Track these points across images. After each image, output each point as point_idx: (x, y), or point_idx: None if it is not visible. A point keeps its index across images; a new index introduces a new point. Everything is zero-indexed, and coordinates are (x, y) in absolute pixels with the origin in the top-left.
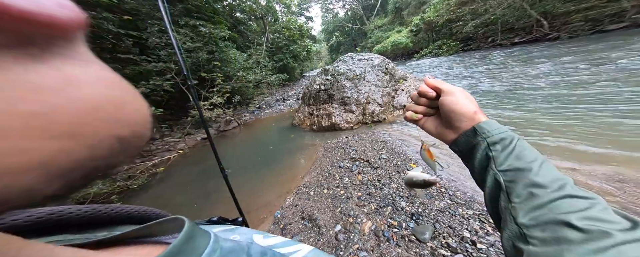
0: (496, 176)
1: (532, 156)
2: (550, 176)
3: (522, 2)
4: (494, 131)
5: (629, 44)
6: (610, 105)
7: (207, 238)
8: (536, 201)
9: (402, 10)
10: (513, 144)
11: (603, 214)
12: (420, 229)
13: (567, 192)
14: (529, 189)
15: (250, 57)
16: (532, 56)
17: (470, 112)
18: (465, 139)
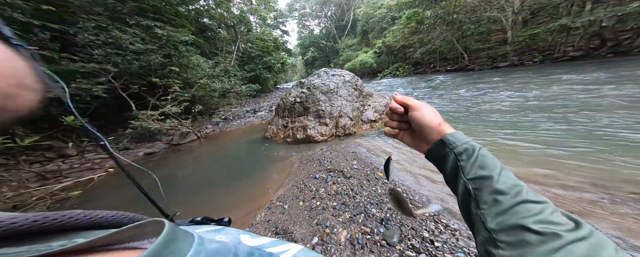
0: (465, 184)
1: (493, 164)
2: (509, 182)
3: (452, 37)
4: (459, 142)
5: (509, 79)
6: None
7: (190, 240)
8: (500, 207)
9: (368, 33)
10: (476, 153)
11: (553, 216)
12: (389, 234)
13: (523, 198)
14: (493, 195)
15: (218, 64)
16: (456, 83)
17: (435, 125)
18: (436, 150)
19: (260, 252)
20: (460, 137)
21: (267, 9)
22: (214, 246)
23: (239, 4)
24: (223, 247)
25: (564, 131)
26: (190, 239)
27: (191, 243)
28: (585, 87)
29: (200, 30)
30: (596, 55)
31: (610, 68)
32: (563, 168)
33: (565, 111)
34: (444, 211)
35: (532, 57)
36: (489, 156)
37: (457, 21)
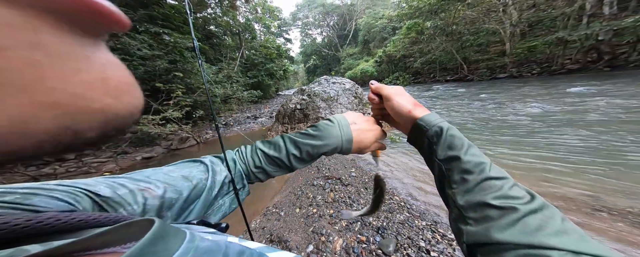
0: (439, 165)
1: (460, 143)
2: (474, 160)
3: (451, 48)
4: (429, 125)
5: (507, 90)
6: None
7: (181, 237)
8: (467, 185)
9: (369, 43)
10: (444, 134)
11: (511, 191)
12: (385, 243)
13: (486, 175)
14: (461, 175)
15: (221, 70)
16: (457, 93)
17: (406, 112)
18: (412, 135)
19: (250, 251)
20: (431, 119)
21: (272, 18)
22: (205, 244)
23: (244, 12)
24: (214, 246)
25: (568, 145)
26: (181, 236)
27: (182, 240)
28: (587, 99)
29: (206, 37)
30: (593, 69)
31: (609, 81)
32: (562, 181)
33: (571, 124)
34: (441, 222)
35: (531, 69)
36: (457, 135)
37: (457, 32)
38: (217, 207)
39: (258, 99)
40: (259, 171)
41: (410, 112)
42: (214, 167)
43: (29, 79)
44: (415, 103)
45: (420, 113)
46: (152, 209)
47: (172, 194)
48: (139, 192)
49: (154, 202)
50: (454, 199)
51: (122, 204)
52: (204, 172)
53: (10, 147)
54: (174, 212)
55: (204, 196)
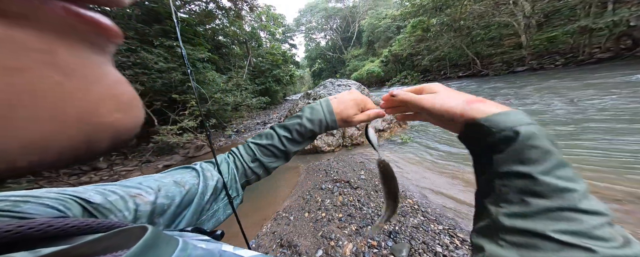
0: (490, 179)
1: (542, 157)
2: (557, 184)
3: (461, 44)
4: (497, 127)
5: (527, 83)
6: None
7: (173, 246)
8: (526, 209)
9: (374, 43)
10: (518, 143)
11: (597, 230)
12: (398, 248)
13: (567, 204)
14: (523, 196)
15: (231, 79)
16: (473, 89)
17: (457, 116)
18: (464, 138)
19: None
20: (503, 119)
21: (276, 25)
22: (198, 253)
23: (250, 21)
24: (207, 255)
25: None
26: (173, 245)
27: (174, 249)
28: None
29: (216, 48)
30: (630, 56)
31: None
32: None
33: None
34: (460, 226)
35: (554, 60)
36: (542, 146)
37: (465, 27)
38: (211, 213)
39: (266, 105)
40: (256, 165)
41: (462, 115)
42: (204, 173)
43: (50, 98)
44: (468, 100)
45: (482, 110)
46: (144, 215)
47: (163, 200)
48: (130, 198)
49: (145, 208)
50: (495, 216)
51: (113, 210)
52: (195, 177)
53: (35, 160)
54: (167, 219)
55: (196, 201)
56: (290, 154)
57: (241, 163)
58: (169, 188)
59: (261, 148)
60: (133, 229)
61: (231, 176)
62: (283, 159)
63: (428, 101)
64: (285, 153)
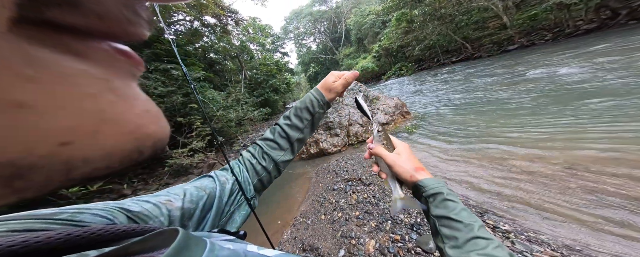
0: (434, 222)
1: (453, 206)
2: (465, 221)
3: (447, 30)
4: (427, 187)
5: (523, 60)
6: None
7: (202, 247)
8: (456, 242)
9: (363, 40)
10: (440, 198)
11: (496, 251)
12: (423, 240)
13: (474, 234)
14: (451, 231)
15: (229, 95)
16: (468, 73)
17: (407, 176)
18: (415, 194)
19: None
20: (430, 183)
21: (264, 36)
22: (225, 253)
23: (238, 35)
24: (233, 254)
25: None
26: (202, 246)
27: (203, 249)
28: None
29: (209, 65)
30: (615, 24)
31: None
32: None
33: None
34: (489, 211)
35: (542, 36)
36: (452, 198)
37: (447, 15)
38: (230, 213)
39: (268, 116)
40: (265, 160)
41: (412, 177)
42: (219, 178)
43: (112, 114)
44: (416, 167)
45: (421, 176)
46: (176, 220)
47: (189, 204)
48: (162, 205)
49: (176, 213)
50: (444, 251)
51: (151, 217)
52: (212, 182)
53: (111, 166)
54: (194, 222)
55: (216, 204)
56: (294, 143)
57: (250, 162)
58: (192, 192)
59: (268, 142)
60: (167, 231)
61: (243, 178)
62: (289, 151)
63: (391, 159)
64: (289, 142)
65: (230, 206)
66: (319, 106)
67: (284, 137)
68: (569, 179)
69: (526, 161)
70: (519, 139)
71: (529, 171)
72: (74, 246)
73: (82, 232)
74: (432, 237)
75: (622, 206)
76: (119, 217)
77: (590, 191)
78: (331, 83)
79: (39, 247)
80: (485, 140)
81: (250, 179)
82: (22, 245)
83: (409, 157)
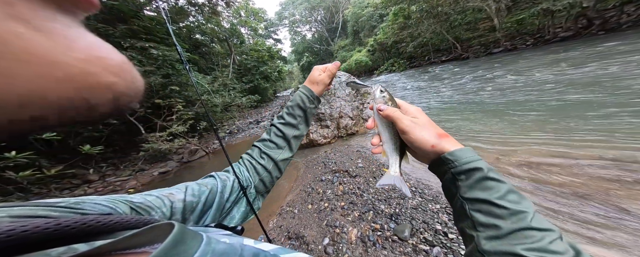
0: (463, 204)
1: (496, 186)
2: (513, 207)
3: (441, 29)
4: (459, 161)
5: (504, 63)
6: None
7: (198, 241)
8: (497, 232)
9: (359, 33)
10: (478, 174)
11: (552, 245)
12: (400, 229)
13: (525, 225)
14: (492, 220)
15: (216, 79)
16: (455, 71)
17: (427, 146)
18: (434, 168)
19: (265, 253)
20: (462, 155)
21: (257, 20)
22: (222, 247)
23: (228, 17)
24: (229, 249)
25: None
26: (198, 240)
27: (199, 243)
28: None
29: (195, 47)
30: (587, 34)
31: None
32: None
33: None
34: None
35: (524, 41)
36: (494, 176)
37: (443, 13)
38: (229, 210)
39: (257, 104)
40: (264, 159)
41: (434, 147)
42: (220, 176)
43: (21, 51)
44: (439, 134)
45: (449, 146)
46: (178, 212)
47: (191, 198)
48: (164, 197)
49: (178, 205)
50: (476, 241)
51: (153, 208)
52: (214, 179)
53: (36, 115)
54: (196, 216)
55: (217, 199)
56: (290, 140)
57: (250, 162)
58: (194, 187)
59: (265, 142)
60: (163, 225)
61: (244, 177)
62: (287, 149)
63: (406, 124)
64: (286, 140)
65: (230, 202)
66: (309, 101)
67: (280, 135)
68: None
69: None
70: (490, 138)
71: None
72: (64, 236)
73: (73, 223)
74: (456, 220)
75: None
76: (122, 207)
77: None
78: (317, 76)
79: (26, 236)
80: (465, 137)
81: (251, 178)
82: (7, 234)
83: (429, 121)
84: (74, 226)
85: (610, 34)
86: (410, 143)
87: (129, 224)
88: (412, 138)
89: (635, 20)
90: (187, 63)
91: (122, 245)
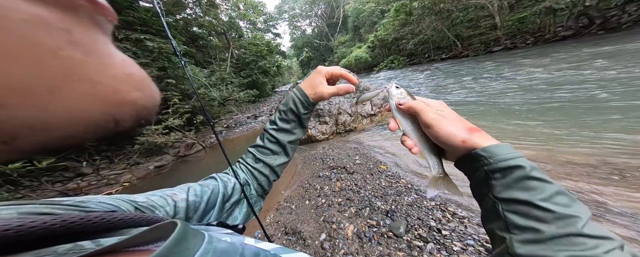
0: (495, 204)
1: (540, 187)
2: (560, 211)
3: (442, 27)
4: (495, 158)
5: (502, 62)
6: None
7: (200, 239)
8: (536, 235)
9: (359, 29)
10: (519, 173)
11: (609, 255)
12: (395, 225)
13: (574, 230)
14: (531, 222)
15: (213, 73)
16: (457, 69)
17: (457, 141)
18: (462, 165)
19: (265, 253)
20: (499, 151)
21: (256, 13)
22: (223, 246)
23: (226, 10)
24: (231, 247)
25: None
26: (200, 238)
27: (201, 242)
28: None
29: (192, 40)
30: (587, 34)
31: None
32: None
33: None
34: (450, 201)
35: (525, 39)
36: (538, 175)
37: (445, 10)
38: (230, 210)
39: (255, 98)
40: (260, 165)
41: (464, 142)
42: (222, 178)
43: (75, 73)
44: (470, 128)
45: (483, 141)
46: (181, 211)
47: (194, 197)
48: (167, 196)
49: (182, 204)
50: (508, 244)
51: (157, 207)
52: (215, 181)
53: (79, 132)
54: (198, 215)
55: (219, 200)
56: (286, 145)
57: (247, 167)
58: (196, 188)
59: (259, 148)
60: (166, 224)
61: (243, 180)
62: (283, 154)
63: (431, 117)
64: (281, 145)
65: (231, 203)
66: (303, 107)
67: (274, 142)
68: None
69: None
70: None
71: None
72: (70, 233)
73: (79, 219)
74: (485, 221)
75: None
76: (126, 206)
77: None
78: (318, 84)
79: (34, 231)
80: None
81: (249, 180)
82: (16, 230)
83: (456, 115)
84: (79, 223)
85: (610, 33)
86: (436, 138)
87: (132, 221)
88: (438, 132)
89: (636, 19)
90: (181, 56)
91: (128, 244)
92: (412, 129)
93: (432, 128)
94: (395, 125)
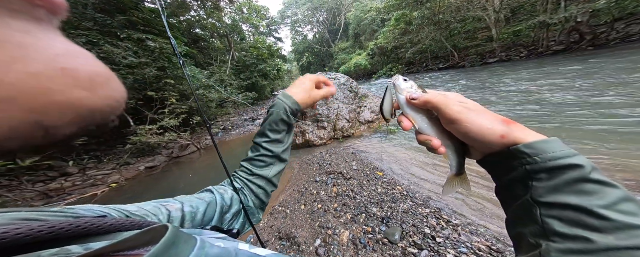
0: (531, 207)
1: (603, 192)
2: (622, 220)
3: (441, 37)
4: (542, 156)
5: (501, 73)
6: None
7: (191, 244)
8: (585, 246)
9: (360, 36)
10: (575, 173)
11: None
12: (390, 232)
13: (636, 243)
14: (579, 231)
15: (213, 74)
16: (454, 79)
17: (493, 136)
18: (493, 162)
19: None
20: (547, 148)
21: (259, 17)
22: (215, 251)
23: (230, 13)
24: (224, 253)
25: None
26: (191, 243)
27: (192, 247)
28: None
29: (193, 41)
30: (577, 49)
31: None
32: None
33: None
34: (445, 208)
35: (519, 52)
36: (601, 179)
37: (444, 21)
38: (229, 222)
39: (254, 101)
40: (255, 178)
41: (503, 137)
42: (218, 190)
43: None
44: (504, 120)
45: (525, 136)
46: (175, 220)
47: (189, 208)
48: (161, 206)
49: (176, 214)
50: (544, 253)
51: (149, 215)
52: (210, 193)
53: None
54: (195, 226)
55: (218, 212)
56: (279, 155)
57: (242, 181)
58: (191, 199)
59: (252, 161)
60: (157, 228)
61: (242, 194)
62: (277, 163)
63: (458, 110)
64: (274, 156)
65: (231, 214)
66: (293, 115)
67: (268, 154)
68: None
69: None
70: None
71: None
72: (58, 238)
73: (67, 225)
74: (511, 223)
75: None
76: (116, 214)
77: None
78: (310, 89)
79: (20, 238)
80: None
81: (246, 193)
82: (1, 236)
83: (480, 106)
84: (67, 228)
85: (598, 49)
86: (466, 134)
87: (123, 226)
88: (468, 127)
89: (622, 37)
90: (180, 56)
91: (118, 247)
92: (428, 125)
93: (458, 123)
94: (409, 123)
